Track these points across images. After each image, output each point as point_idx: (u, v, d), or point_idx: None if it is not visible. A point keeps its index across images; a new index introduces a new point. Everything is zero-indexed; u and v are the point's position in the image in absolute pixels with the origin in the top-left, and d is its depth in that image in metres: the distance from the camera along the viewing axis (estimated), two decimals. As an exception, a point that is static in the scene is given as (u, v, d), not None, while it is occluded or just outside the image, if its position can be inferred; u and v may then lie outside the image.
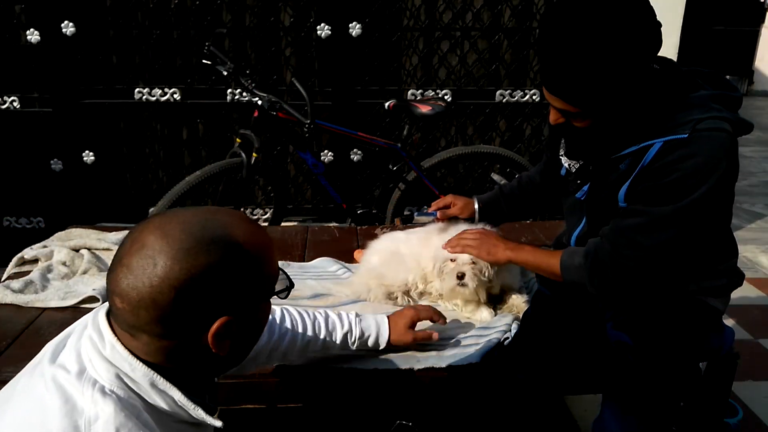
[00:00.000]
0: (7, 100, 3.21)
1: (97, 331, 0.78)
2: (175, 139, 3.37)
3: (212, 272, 0.74)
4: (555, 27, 1.13)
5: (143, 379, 0.76)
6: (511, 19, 3.28)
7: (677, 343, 1.28)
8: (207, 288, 0.74)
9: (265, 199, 3.52)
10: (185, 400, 0.78)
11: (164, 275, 0.71)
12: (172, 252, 0.72)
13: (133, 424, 0.72)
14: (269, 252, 0.82)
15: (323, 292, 1.71)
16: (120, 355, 0.75)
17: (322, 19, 3.18)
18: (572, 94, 1.17)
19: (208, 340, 0.76)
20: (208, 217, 0.77)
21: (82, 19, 3.10)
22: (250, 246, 0.77)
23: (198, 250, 0.73)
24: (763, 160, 5.57)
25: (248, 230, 0.79)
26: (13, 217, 3.45)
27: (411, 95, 3.34)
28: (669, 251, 1.21)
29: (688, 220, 1.17)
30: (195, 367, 0.81)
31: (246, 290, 0.78)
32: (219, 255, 0.74)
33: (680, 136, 1.14)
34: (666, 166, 1.15)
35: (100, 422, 0.71)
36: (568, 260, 1.34)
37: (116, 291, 0.74)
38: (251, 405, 1.37)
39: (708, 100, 1.17)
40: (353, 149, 3.41)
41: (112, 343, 0.76)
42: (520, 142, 3.50)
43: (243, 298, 0.78)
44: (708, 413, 1.56)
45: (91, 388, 0.74)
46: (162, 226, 0.74)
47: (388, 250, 1.76)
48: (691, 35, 3.11)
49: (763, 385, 2.21)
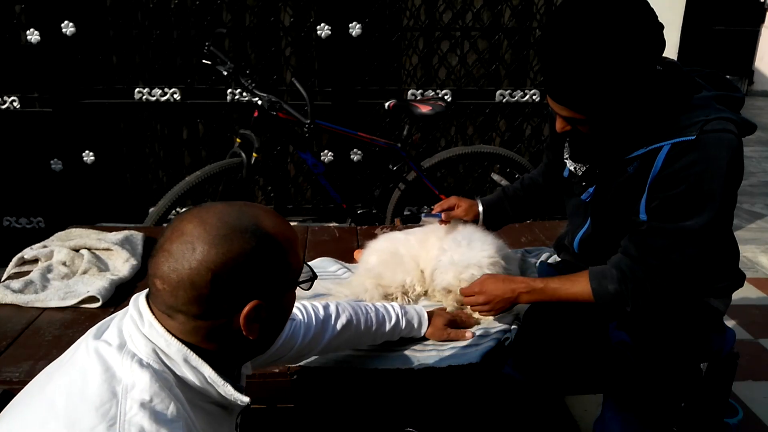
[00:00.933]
0: (7, 100, 3.21)
1: (137, 311, 0.84)
2: (175, 139, 3.37)
3: (246, 258, 0.80)
4: (557, 36, 1.13)
5: (177, 354, 0.81)
6: (511, 19, 3.28)
7: (678, 344, 1.28)
8: (240, 272, 0.80)
9: (265, 199, 3.52)
10: (215, 377, 0.83)
11: (202, 258, 0.78)
12: (210, 237, 0.79)
13: (165, 395, 0.78)
14: (295, 244, 0.88)
15: (323, 292, 1.70)
16: (157, 332, 0.81)
17: (322, 19, 3.18)
18: (578, 102, 1.17)
19: (239, 322, 0.81)
20: (241, 209, 0.84)
21: (82, 19, 3.10)
22: (278, 237, 0.84)
23: (233, 237, 0.79)
24: (763, 160, 5.57)
25: (277, 223, 0.86)
26: (13, 217, 3.45)
27: (411, 95, 3.34)
28: (700, 261, 1.22)
29: (713, 229, 1.18)
30: (226, 348, 0.85)
31: (274, 277, 0.84)
32: (252, 242, 0.80)
33: (688, 138, 1.13)
34: (678, 173, 1.15)
35: (137, 390, 0.77)
36: (599, 288, 1.30)
37: (157, 274, 0.80)
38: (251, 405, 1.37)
39: (712, 101, 1.17)
40: (353, 149, 3.41)
41: (150, 321, 0.82)
42: (520, 142, 3.50)
43: (272, 284, 0.84)
44: (708, 413, 1.56)
45: (130, 359, 0.80)
46: (200, 215, 0.81)
47: (386, 250, 1.76)
48: (691, 35, 3.11)
49: (763, 385, 2.21)
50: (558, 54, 1.13)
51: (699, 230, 1.17)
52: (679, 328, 1.29)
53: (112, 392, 0.76)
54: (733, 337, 1.43)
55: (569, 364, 1.42)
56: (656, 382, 1.26)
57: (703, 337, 1.34)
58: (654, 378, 1.26)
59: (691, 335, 1.31)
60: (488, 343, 1.43)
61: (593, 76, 1.10)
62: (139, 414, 0.75)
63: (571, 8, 1.12)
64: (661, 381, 1.26)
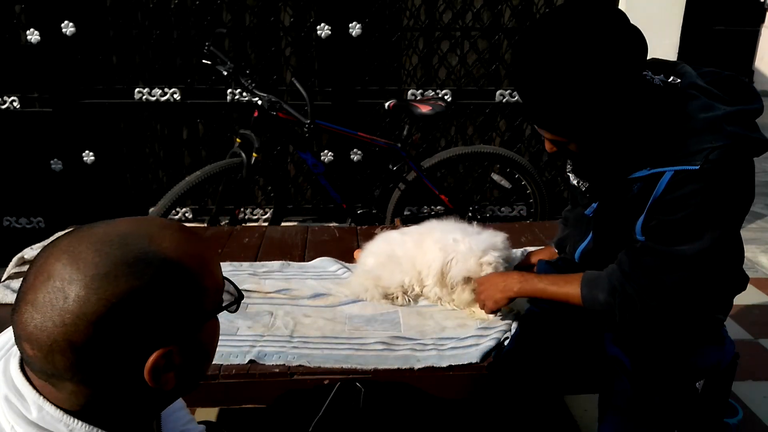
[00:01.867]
0: (7, 100, 3.21)
1: (15, 391, 0.64)
2: (175, 139, 3.37)
3: (139, 298, 0.61)
4: (524, 61, 1.12)
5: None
6: (511, 19, 3.28)
7: (673, 363, 1.26)
8: (134, 318, 0.61)
9: (265, 199, 3.52)
10: None
11: (78, 310, 0.59)
12: (86, 280, 0.59)
13: None
14: (210, 262, 0.69)
15: (323, 292, 1.71)
16: (51, 416, 0.62)
17: (322, 19, 3.18)
18: (555, 125, 1.17)
19: (146, 377, 0.64)
20: (127, 230, 0.64)
21: (82, 19, 3.10)
22: (184, 259, 0.65)
23: (118, 274, 0.60)
24: (764, 160, 5.57)
25: (180, 239, 0.66)
26: (13, 217, 3.45)
27: (411, 95, 3.34)
28: (693, 286, 1.19)
29: (708, 259, 1.15)
30: (137, 406, 0.68)
31: (184, 313, 0.65)
32: (146, 276, 0.61)
33: (692, 167, 1.09)
34: (678, 200, 1.12)
35: None
36: (589, 295, 1.29)
37: (23, 335, 0.60)
38: (251, 405, 1.37)
39: (722, 123, 1.11)
40: (353, 149, 3.41)
41: (38, 405, 0.63)
42: (520, 142, 3.50)
43: (181, 322, 0.65)
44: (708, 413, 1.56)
45: None
46: (70, 249, 0.61)
47: (383, 253, 1.76)
48: (691, 35, 3.11)
49: (763, 385, 2.21)
50: (526, 79, 1.12)
51: (693, 256, 1.14)
52: (673, 346, 1.26)
53: None
54: (732, 347, 1.38)
55: (567, 363, 1.42)
56: (651, 402, 1.25)
57: (700, 353, 1.29)
58: (648, 398, 1.24)
59: (686, 352, 1.26)
60: (488, 343, 1.43)
61: (563, 99, 1.08)
62: None
63: (532, 32, 1.11)
64: (655, 401, 1.25)
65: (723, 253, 1.18)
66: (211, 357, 0.74)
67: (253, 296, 1.69)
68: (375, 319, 1.58)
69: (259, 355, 1.38)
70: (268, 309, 1.61)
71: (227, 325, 1.52)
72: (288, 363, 1.37)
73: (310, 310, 1.62)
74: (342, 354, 1.41)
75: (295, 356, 1.39)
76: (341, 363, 1.38)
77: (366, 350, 1.43)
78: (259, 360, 1.38)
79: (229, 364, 1.37)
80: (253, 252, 2.02)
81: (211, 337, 0.72)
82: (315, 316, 1.58)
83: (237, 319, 1.54)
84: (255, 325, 1.52)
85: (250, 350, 1.40)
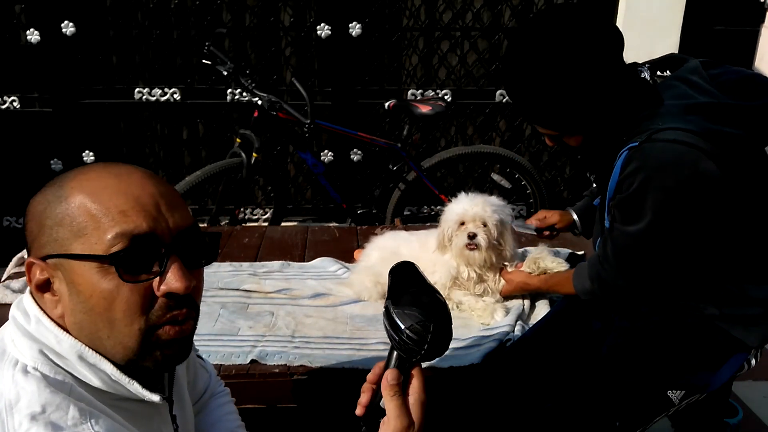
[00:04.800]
0: (7, 100, 3.21)
1: (22, 311, 0.73)
2: (175, 139, 3.37)
3: (35, 205, 0.72)
4: (509, 62, 1.21)
5: (70, 352, 0.70)
6: (511, 19, 3.28)
7: (667, 367, 1.25)
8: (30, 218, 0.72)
9: (265, 199, 3.52)
10: (118, 374, 0.71)
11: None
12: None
13: (61, 399, 0.67)
14: (98, 186, 0.73)
15: (323, 292, 1.71)
16: (45, 327, 0.71)
17: (322, 19, 3.18)
18: (544, 119, 1.23)
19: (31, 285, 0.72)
20: None
21: (82, 19, 3.10)
22: (84, 194, 0.71)
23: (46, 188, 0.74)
24: None
25: (90, 179, 0.74)
26: (13, 217, 3.45)
27: (411, 95, 3.34)
28: (654, 266, 1.20)
29: (658, 236, 1.15)
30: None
31: (51, 233, 0.71)
32: (48, 193, 0.72)
33: (635, 144, 1.13)
34: (625, 178, 1.15)
35: (23, 402, 0.65)
36: (580, 285, 1.36)
37: None
38: (251, 405, 1.37)
39: (684, 110, 1.12)
40: (353, 149, 3.41)
41: (37, 317, 0.72)
42: (520, 142, 3.50)
43: (47, 240, 0.71)
44: (708, 413, 1.57)
45: (11, 368, 0.68)
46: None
47: (388, 248, 1.76)
48: (691, 35, 3.11)
49: (763, 385, 2.21)
50: (512, 76, 1.21)
51: (640, 236, 1.16)
52: (680, 353, 1.25)
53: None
54: (730, 372, 1.28)
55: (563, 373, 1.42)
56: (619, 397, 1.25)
57: (691, 370, 1.26)
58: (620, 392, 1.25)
59: (687, 363, 1.25)
60: (490, 344, 1.43)
61: (547, 93, 1.16)
62: (33, 428, 0.63)
63: (516, 34, 1.21)
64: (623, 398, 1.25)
65: (678, 234, 1.15)
66: (93, 312, 0.70)
67: (253, 296, 1.69)
68: (376, 319, 1.58)
69: (261, 355, 1.39)
70: (269, 309, 1.61)
71: (229, 325, 1.52)
72: (290, 363, 1.38)
73: (311, 310, 1.62)
74: (343, 354, 1.41)
75: (296, 356, 1.39)
76: (343, 363, 1.38)
77: (368, 350, 1.43)
78: (260, 360, 1.38)
79: (230, 364, 1.37)
80: (253, 252, 2.02)
81: (87, 284, 0.69)
82: (316, 316, 1.58)
83: (238, 320, 1.54)
84: (256, 325, 1.52)
85: (251, 350, 1.40)
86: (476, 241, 1.54)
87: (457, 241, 1.57)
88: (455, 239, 1.58)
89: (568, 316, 1.49)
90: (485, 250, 1.55)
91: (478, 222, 1.56)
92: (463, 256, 1.58)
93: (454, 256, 1.61)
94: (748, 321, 1.22)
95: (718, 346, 1.25)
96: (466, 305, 1.60)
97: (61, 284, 0.71)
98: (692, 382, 1.25)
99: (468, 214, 1.57)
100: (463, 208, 1.58)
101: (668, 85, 1.19)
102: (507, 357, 1.41)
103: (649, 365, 1.26)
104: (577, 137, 1.26)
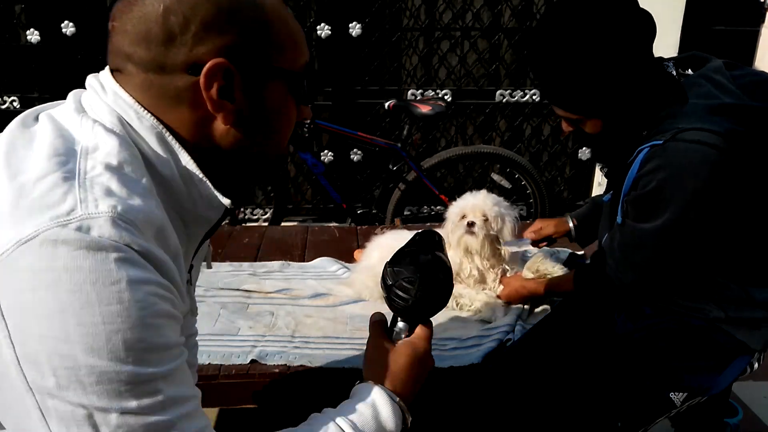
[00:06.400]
0: (7, 100, 3.21)
1: (98, 83, 0.68)
2: (175, 139, 3.37)
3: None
4: (537, 40, 1.19)
5: (150, 131, 0.65)
6: (511, 19, 3.28)
7: (667, 369, 1.25)
8: (199, 7, 0.63)
9: (265, 199, 3.52)
10: (193, 165, 0.67)
11: None
12: None
13: (137, 165, 0.62)
14: (287, 25, 0.71)
15: (323, 292, 1.71)
16: (124, 101, 0.65)
17: (322, 19, 3.18)
18: (568, 102, 1.21)
19: (203, 90, 0.64)
20: None
21: (82, 19, 3.10)
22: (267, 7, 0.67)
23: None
24: None
25: None
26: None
27: (411, 95, 3.34)
28: (660, 265, 1.20)
29: (672, 236, 1.15)
30: (198, 143, 0.68)
31: (247, 38, 0.66)
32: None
33: (657, 142, 1.11)
34: (644, 176, 1.13)
35: (101, 152, 0.60)
36: (582, 283, 1.36)
37: (114, 16, 0.67)
38: (251, 405, 1.37)
39: (707, 111, 1.11)
40: (353, 149, 3.41)
41: (114, 91, 0.66)
42: (520, 142, 3.51)
43: (244, 46, 0.66)
44: (708, 413, 1.56)
45: (91, 122, 0.64)
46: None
47: (390, 247, 1.76)
48: (691, 35, 3.11)
49: (763, 385, 2.21)
50: (538, 56, 1.19)
51: (653, 234, 1.15)
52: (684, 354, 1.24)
53: (68, 148, 0.60)
54: (733, 375, 1.29)
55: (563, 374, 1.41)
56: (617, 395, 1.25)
57: (693, 370, 1.25)
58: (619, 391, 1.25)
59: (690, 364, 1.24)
60: (490, 344, 1.43)
61: (574, 73, 1.14)
62: (106, 175, 0.58)
63: (548, 12, 1.19)
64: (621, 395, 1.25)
65: (693, 235, 1.14)
66: (274, 136, 0.73)
67: (253, 296, 1.69)
68: (376, 319, 1.58)
69: (261, 355, 1.39)
70: (269, 309, 1.61)
71: (229, 325, 1.52)
72: (290, 363, 1.37)
73: (311, 310, 1.62)
74: (343, 354, 1.41)
75: (296, 356, 1.39)
76: (343, 363, 1.38)
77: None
78: (260, 360, 1.38)
79: (230, 364, 1.37)
80: (253, 252, 2.02)
81: (277, 106, 0.71)
82: (316, 316, 1.58)
83: (238, 320, 1.54)
84: (256, 325, 1.52)
85: (251, 350, 1.40)
86: (474, 229, 1.59)
87: (457, 231, 1.61)
88: (456, 230, 1.62)
89: (568, 316, 1.49)
90: (483, 238, 1.58)
91: (478, 213, 1.60)
92: (462, 244, 1.61)
93: (455, 247, 1.63)
94: (753, 324, 1.22)
95: (722, 348, 1.24)
96: (466, 298, 1.60)
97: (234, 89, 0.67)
98: (695, 384, 1.25)
99: (468, 206, 1.62)
100: (465, 202, 1.64)
101: (693, 83, 1.18)
102: (507, 357, 1.41)
103: (651, 366, 1.26)
104: (596, 123, 1.22)
